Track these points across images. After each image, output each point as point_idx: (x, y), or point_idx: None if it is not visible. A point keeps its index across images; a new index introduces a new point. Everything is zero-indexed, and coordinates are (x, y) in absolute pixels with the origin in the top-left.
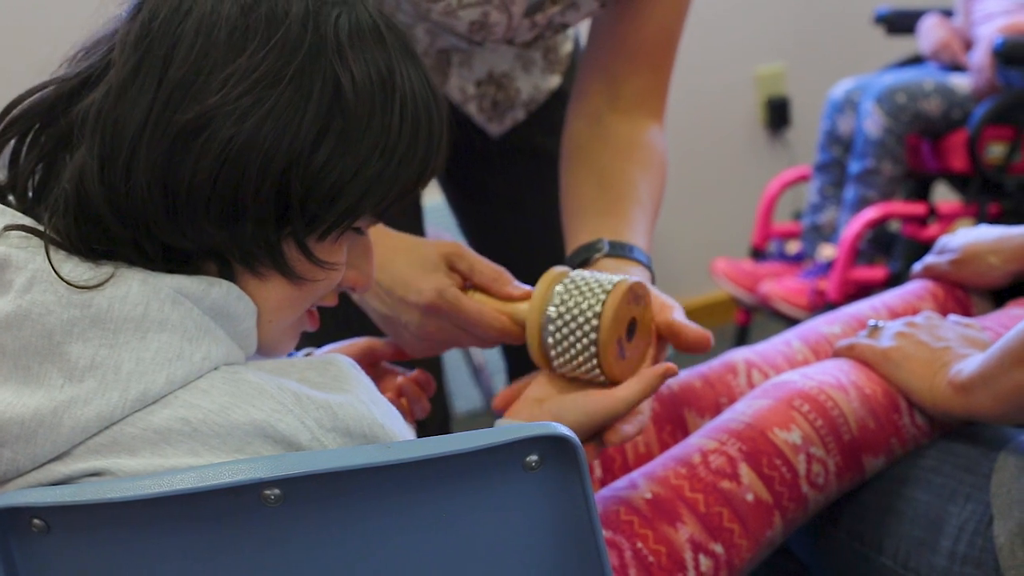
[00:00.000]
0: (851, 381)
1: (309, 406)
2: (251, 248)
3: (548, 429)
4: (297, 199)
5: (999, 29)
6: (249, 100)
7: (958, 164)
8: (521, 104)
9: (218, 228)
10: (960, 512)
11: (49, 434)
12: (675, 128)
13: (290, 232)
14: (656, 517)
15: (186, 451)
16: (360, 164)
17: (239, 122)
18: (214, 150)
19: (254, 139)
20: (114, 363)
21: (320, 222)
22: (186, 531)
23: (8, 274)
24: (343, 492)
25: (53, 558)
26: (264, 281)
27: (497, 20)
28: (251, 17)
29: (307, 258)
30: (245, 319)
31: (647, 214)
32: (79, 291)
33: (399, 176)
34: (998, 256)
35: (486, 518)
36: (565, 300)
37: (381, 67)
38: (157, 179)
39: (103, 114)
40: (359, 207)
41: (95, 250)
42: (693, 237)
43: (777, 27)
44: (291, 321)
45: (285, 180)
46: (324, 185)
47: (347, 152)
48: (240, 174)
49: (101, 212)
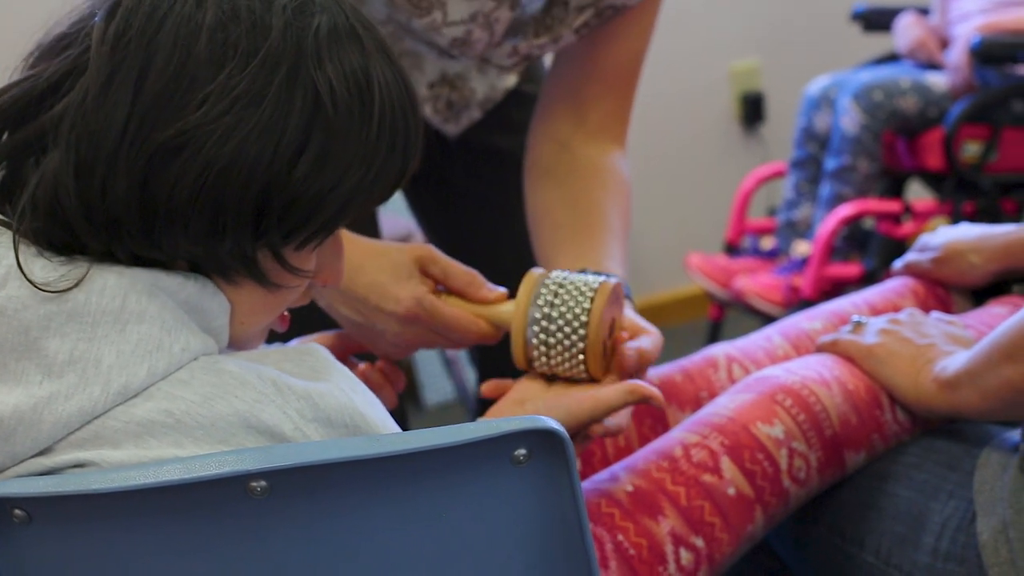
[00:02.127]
0: (834, 376)
1: (290, 396)
2: (226, 260)
3: (537, 423)
4: (276, 215)
5: (977, 28)
6: (231, 119)
7: (933, 162)
8: (477, 104)
9: (195, 244)
10: (943, 509)
11: (29, 431)
12: (650, 123)
13: (266, 243)
14: (637, 510)
15: (170, 443)
16: (340, 177)
17: (220, 143)
18: (194, 170)
19: (235, 159)
20: (94, 357)
21: (298, 234)
22: (170, 523)
23: None
24: (330, 484)
25: (33, 549)
26: (238, 287)
27: (479, 38)
28: (231, 30)
29: (282, 267)
30: (219, 316)
31: (620, 243)
32: (59, 278)
33: (377, 184)
34: (979, 255)
35: (474, 511)
36: (551, 301)
37: (359, 73)
38: (134, 195)
39: (77, 125)
40: (338, 218)
41: (68, 246)
42: (667, 232)
43: (752, 23)
44: (263, 325)
45: (265, 197)
46: (304, 200)
47: (327, 166)
48: (220, 194)
49: (75, 222)
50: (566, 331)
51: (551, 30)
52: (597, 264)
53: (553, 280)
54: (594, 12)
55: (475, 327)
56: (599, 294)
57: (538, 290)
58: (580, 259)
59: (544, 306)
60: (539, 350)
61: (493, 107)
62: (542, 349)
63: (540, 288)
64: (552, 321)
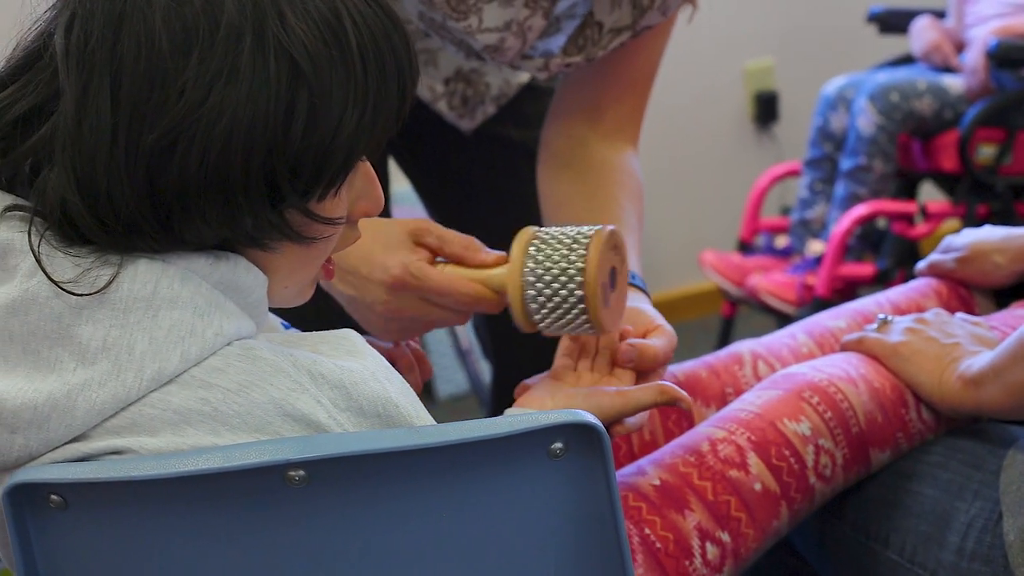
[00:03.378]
0: (860, 374)
1: (323, 385)
2: (255, 233)
3: (574, 416)
4: (286, 178)
5: (993, 31)
6: (214, 101)
7: (948, 164)
8: (491, 99)
9: (217, 228)
10: (968, 508)
11: (63, 418)
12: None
13: (288, 205)
14: (664, 504)
15: (207, 431)
16: (337, 124)
17: (210, 127)
18: (193, 160)
19: (229, 139)
20: (127, 343)
21: (315, 188)
22: (207, 511)
23: (12, 259)
24: (368, 475)
25: (68, 534)
26: (276, 252)
27: (511, 45)
28: (186, 14)
29: (314, 220)
30: (255, 290)
31: (637, 239)
32: (86, 272)
33: (380, 116)
34: (1003, 255)
35: (509, 504)
36: (544, 254)
37: (326, 15)
38: (144, 199)
39: (67, 143)
40: (349, 161)
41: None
42: (680, 229)
43: (766, 23)
44: (308, 280)
45: (269, 165)
46: (309, 155)
47: (320, 118)
48: (225, 176)
49: (91, 234)
50: (562, 280)
51: (583, 50)
52: None
53: (546, 232)
54: (631, 34)
55: (469, 289)
56: (593, 241)
57: (530, 246)
58: None
59: (538, 260)
60: (539, 305)
61: (507, 102)
62: (540, 303)
63: (531, 243)
64: (547, 272)
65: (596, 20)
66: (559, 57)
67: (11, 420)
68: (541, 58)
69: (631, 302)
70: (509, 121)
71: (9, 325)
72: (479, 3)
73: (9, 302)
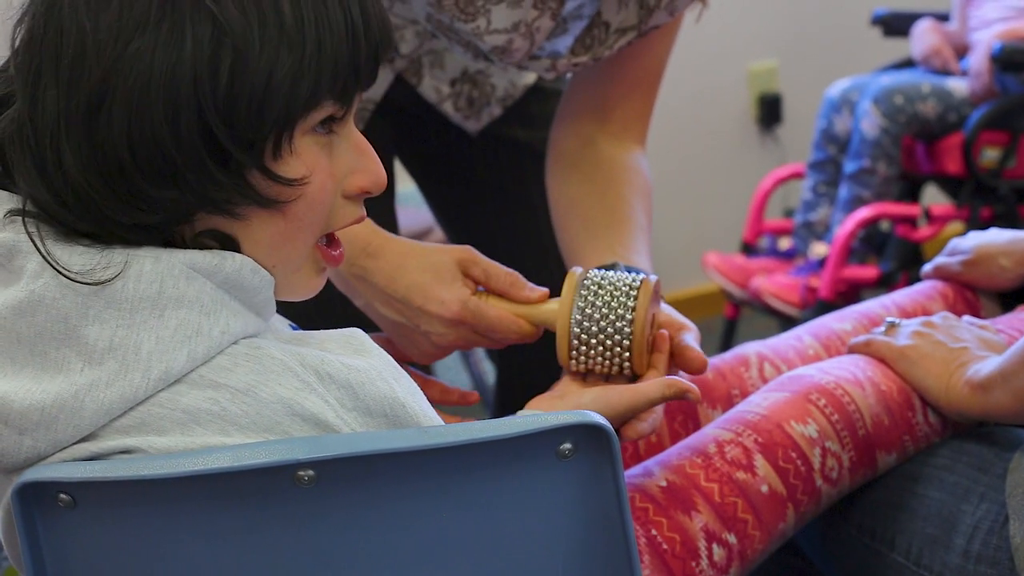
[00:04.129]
0: (867, 377)
1: (331, 385)
2: (211, 194)
3: (583, 417)
4: (222, 132)
5: (997, 35)
6: (131, 54)
7: (952, 167)
8: (497, 100)
9: (165, 190)
10: (974, 511)
11: (71, 418)
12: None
13: (238, 163)
14: (671, 505)
15: (216, 430)
16: (269, 69)
17: (131, 81)
18: (122, 117)
19: (147, 91)
20: (134, 343)
21: (261, 140)
22: (217, 510)
23: (18, 260)
24: (377, 475)
25: (77, 533)
26: (248, 222)
27: (519, 47)
28: None
29: (273, 180)
30: (261, 290)
31: (647, 239)
32: (89, 271)
33: (325, 60)
34: (1009, 258)
35: (518, 504)
36: (594, 301)
37: None
38: (91, 170)
39: (26, 135)
40: (291, 110)
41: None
42: (684, 230)
43: (770, 24)
44: (297, 260)
45: (201, 118)
46: (240, 106)
47: (248, 65)
48: (153, 129)
49: (65, 221)
50: (610, 330)
51: (590, 50)
52: (626, 259)
53: (595, 279)
54: (637, 34)
55: (518, 327)
56: (642, 292)
57: (580, 289)
58: (609, 253)
59: (588, 305)
60: (583, 348)
61: (512, 103)
62: (586, 347)
63: (583, 287)
64: (597, 320)
65: (603, 20)
66: (566, 57)
67: (19, 422)
68: (548, 58)
69: None
70: (515, 122)
71: (16, 326)
72: (487, 5)
73: (16, 303)
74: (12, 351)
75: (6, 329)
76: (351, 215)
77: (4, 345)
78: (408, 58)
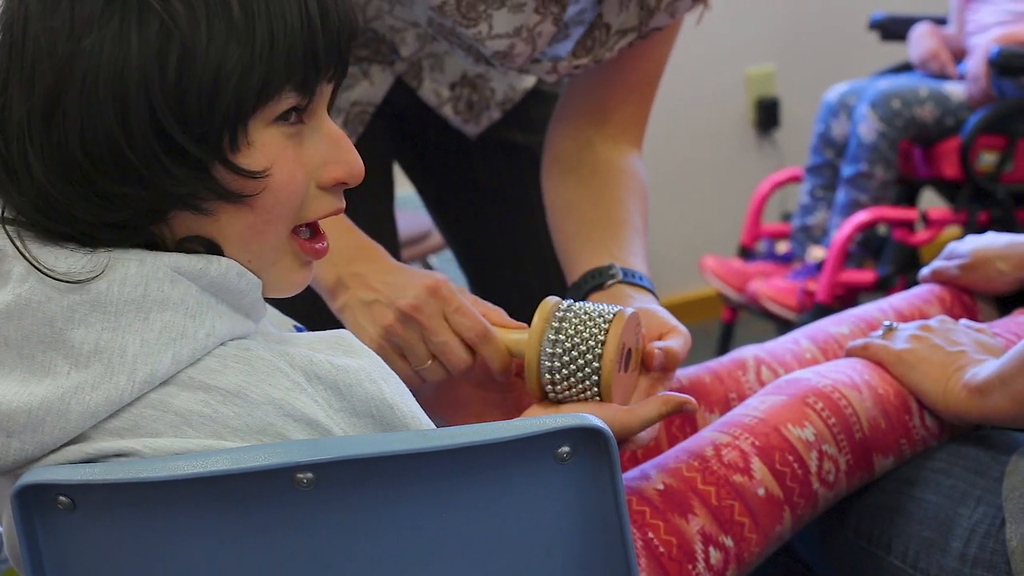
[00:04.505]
0: (864, 381)
1: (318, 386)
2: (170, 190)
3: (582, 420)
4: (173, 126)
5: (995, 39)
6: (81, 51)
7: (949, 171)
8: (496, 104)
9: (125, 187)
10: (971, 514)
11: (57, 421)
12: (666, 126)
13: (195, 157)
14: (668, 508)
15: (208, 433)
16: (217, 63)
17: (82, 78)
18: (75, 115)
19: (96, 87)
20: (119, 346)
21: (213, 134)
22: (215, 512)
23: (5, 265)
24: (375, 477)
25: (76, 536)
26: (217, 218)
27: (521, 51)
28: None
29: (236, 173)
30: (248, 293)
31: (643, 241)
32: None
33: (277, 50)
34: (1007, 262)
35: (516, 507)
36: (566, 330)
37: None
38: (52, 168)
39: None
40: (243, 102)
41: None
42: (681, 234)
43: (768, 28)
44: (272, 254)
45: (152, 115)
46: (190, 100)
47: (196, 60)
48: (104, 126)
49: (43, 225)
50: (579, 363)
51: (592, 51)
52: (622, 261)
53: (567, 309)
54: (637, 36)
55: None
56: (614, 325)
57: (551, 319)
58: (606, 256)
59: (558, 336)
60: (553, 379)
61: (512, 107)
62: (556, 378)
63: (554, 317)
64: (566, 352)
65: (604, 22)
66: (567, 60)
67: (7, 424)
68: (549, 61)
69: (643, 304)
70: (514, 126)
71: (4, 330)
72: (489, 9)
73: (3, 307)
74: (1, 355)
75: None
76: (327, 206)
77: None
78: (408, 61)
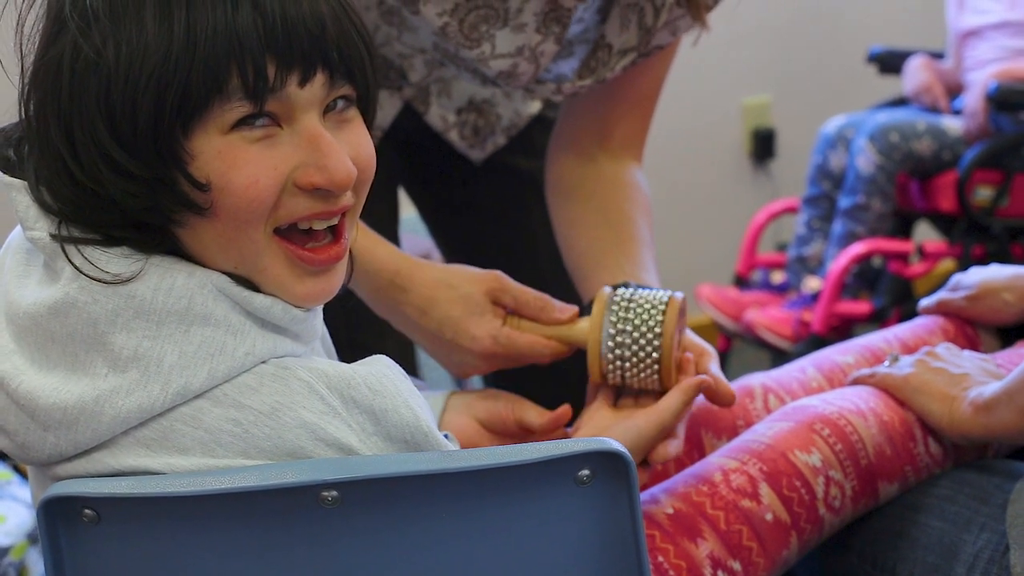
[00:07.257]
0: (870, 408)
1: (354, 410)
2: (128, 203)
3: (602, 444)
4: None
5: (992, 75)
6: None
7: (946, 204)
8: (502, 130)
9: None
10: (975, 541)
11: (90, 422)
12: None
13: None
14: (677, 532)
15: (237, 452)
16: (134, 82)
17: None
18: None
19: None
20: (157, 355)
21: (146, 148)
22: (240, 528)
23: (60, 262)
24: (399, 497)
25: (100, 548)
26: (193, 229)
27: (524, 71)
28: None
29: (192, 184)
30: (270, 309)
31: (652, 254)
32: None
33: (197, 60)
34: (1012, 293)
35: (536, 529)
36: (624, 317)
37: None
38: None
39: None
40: (161, 114)
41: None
42: (677, 262)
43: (765, 59)
44: (253, 259)
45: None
46: (116, 118)
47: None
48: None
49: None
50: (641, 343)
51: (595, 72)
52: (635, 276)
53: (623, 297)
54: (638, 55)
55: (550, 350)
56: (669, 307)
57: (610, 307)
58: (619, 272)
59: (618, 322)
60: (614, 364)
61: (517, 132)
62: (618, 363)
63: (612, 305)
64: (627, 335)
65: (607, 42)
66: (572, 81)
67: (43, 418)
68: (554, 82)
69: None
70: (519, 151)
71: (51, 326)
72: (491, 30)
73: (53, 303)
74: (47, 349)
75: (43, 327)
76: (304, 208)
77: (41, 342)
78: (416, 86)
